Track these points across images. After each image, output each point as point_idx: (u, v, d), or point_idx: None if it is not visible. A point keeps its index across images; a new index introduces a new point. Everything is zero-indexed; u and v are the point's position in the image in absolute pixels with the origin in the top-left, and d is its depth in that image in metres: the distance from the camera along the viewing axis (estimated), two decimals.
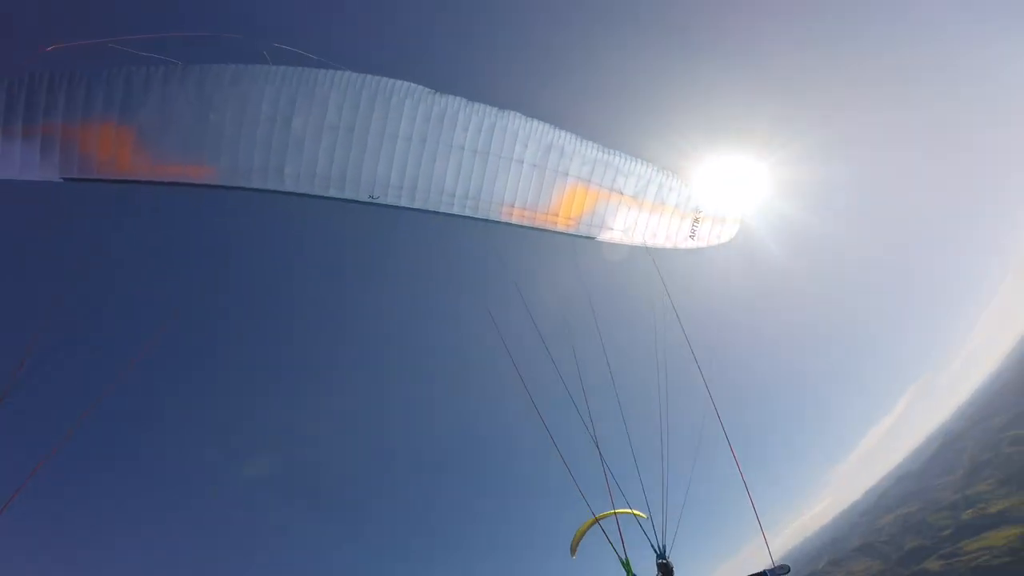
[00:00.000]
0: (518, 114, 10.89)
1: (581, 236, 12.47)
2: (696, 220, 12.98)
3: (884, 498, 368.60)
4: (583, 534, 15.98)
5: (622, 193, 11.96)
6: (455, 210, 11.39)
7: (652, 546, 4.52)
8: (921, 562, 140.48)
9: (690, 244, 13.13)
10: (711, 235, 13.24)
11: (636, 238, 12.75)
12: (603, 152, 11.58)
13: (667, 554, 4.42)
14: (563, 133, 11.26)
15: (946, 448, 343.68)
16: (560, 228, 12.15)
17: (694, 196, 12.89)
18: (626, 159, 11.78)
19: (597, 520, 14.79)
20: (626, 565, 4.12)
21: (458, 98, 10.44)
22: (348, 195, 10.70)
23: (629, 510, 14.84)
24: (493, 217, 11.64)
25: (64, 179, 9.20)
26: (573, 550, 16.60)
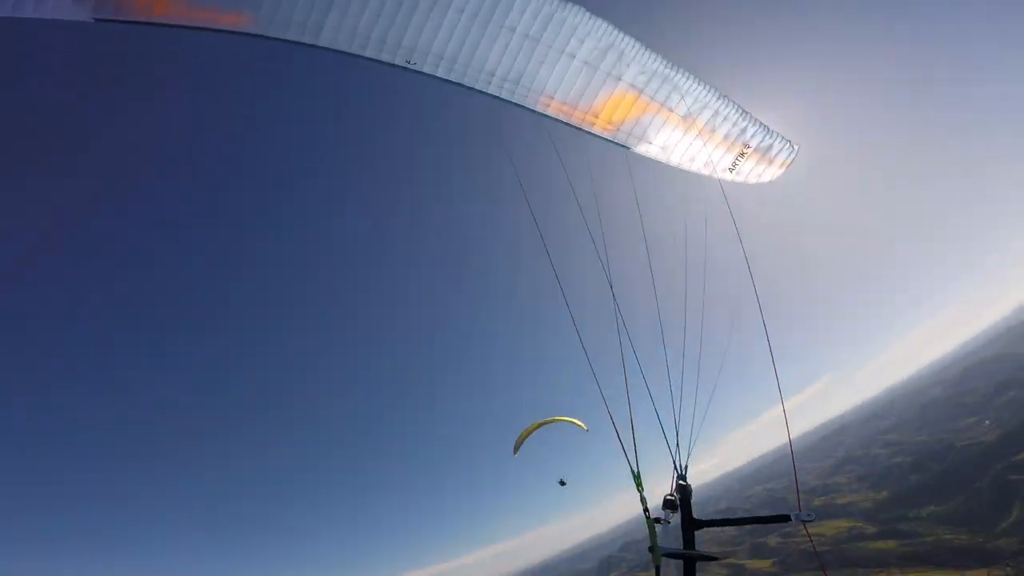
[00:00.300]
0: (582, 9, 10.34)
1: (615, 143, 12.15)
2: (742, 154, 12.43)
3: (761, 470, 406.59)
4: (526, 436, 17.35)
5: (672, 110, 11.56)
6: (491, 90, 11.13)
7: (675, 465, 4.07)
8: (764, 536, 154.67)
9: (727, 177, 12.53)
10: (752, 173, 12.66)
11: (673, 158, 12.21)
12: (665, 66, 11.16)
13: (687, 475, 3.95)
14: (627, 38, 10.83)
15: (832, 436, 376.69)
16: (596, 130, 11.68)
17: (748, 131, 12.26)
18: (687, 78, 11.32)
19: (540, 425, 16.28)
20: (637, 479, 3.81)
21: None
22: (385, 58, 10.45)
23: (572, 419, 16.77)
24: (529, 105, 11.31)
25: (96, 19, 8.82)
26: (515, 449, 17.96)
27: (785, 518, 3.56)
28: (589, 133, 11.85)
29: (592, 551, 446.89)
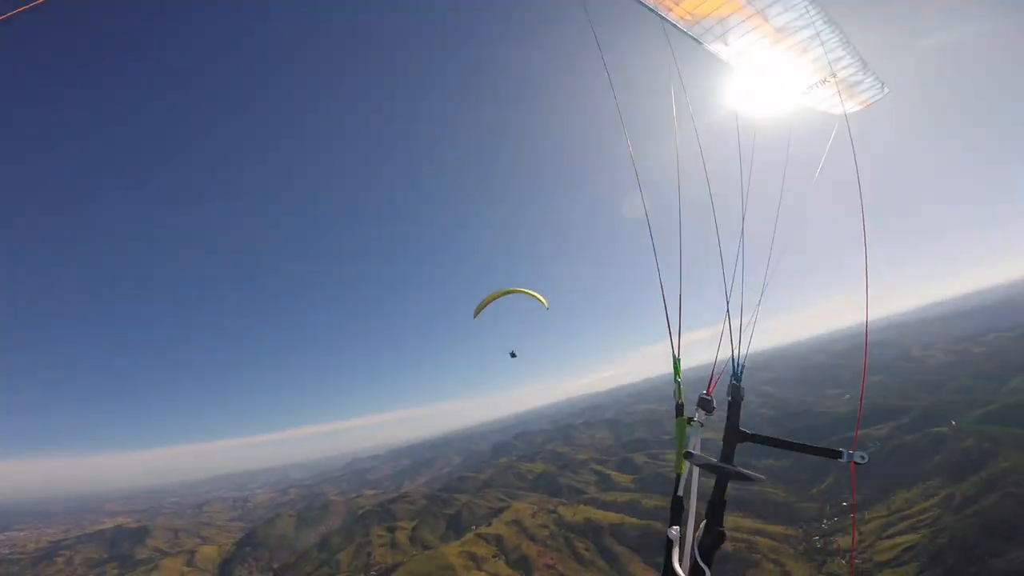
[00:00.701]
0: None
1: (688, 35, 10.72)
2: (824, 80, 11.13)
3: (650, 390, 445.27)
4: (489, 302, 18.14)
5: (768, 20, 10.34)
6: None
7: (733, 360, 3.55)
8: (632, 453, 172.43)
9: (796, 98, 11.37)
10: (827, 101, 11.32)
11: (746, 64, 10.86)
12: None
13: (742, 374, 3.52)
14: None
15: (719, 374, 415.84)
16: (672, 17, 10.17)
17: (843, 61, 10.97)
18: None
19: (504, 293, 16.86)
20: (676, 366, 3.46)
21: None
22: None
23: (535, 294, 17.44)
24: None
25: None
26: (476, 313, 18.81)
27: (837, 454, 3.24)
28: (660, 16, 10.49)
29: (489, 435, 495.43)
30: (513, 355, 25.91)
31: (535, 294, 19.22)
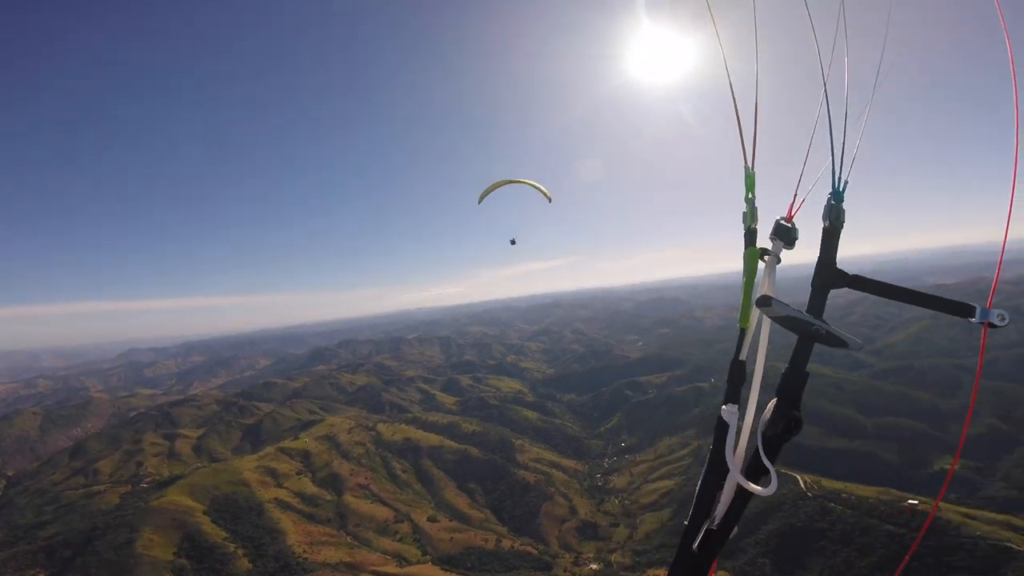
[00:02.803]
0: None
1: None
2: None
3: (485, 314, 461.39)
4: (494, 189, 19.68)
5: None
6: None
7: (833, 172, 2.82)
8: (459, 375, 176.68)
9: None
10: None
11: None
12: None
13: (844, 193, 2.87)
14: None
15: (548, 307, 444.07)
16: None
17: None
18: None
19: (508, 183, 19.00)
20: (750, 178, 3.03)
21: None
22: None
23: (539, 187, 19.79)
24: None
25: None
26: (480, 199, 20.52)
27: (969, 310, 2.57)
28: None
29: (308, 338, 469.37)
30: (513, 242, 27.68)
31: (539, 187, 20.12)
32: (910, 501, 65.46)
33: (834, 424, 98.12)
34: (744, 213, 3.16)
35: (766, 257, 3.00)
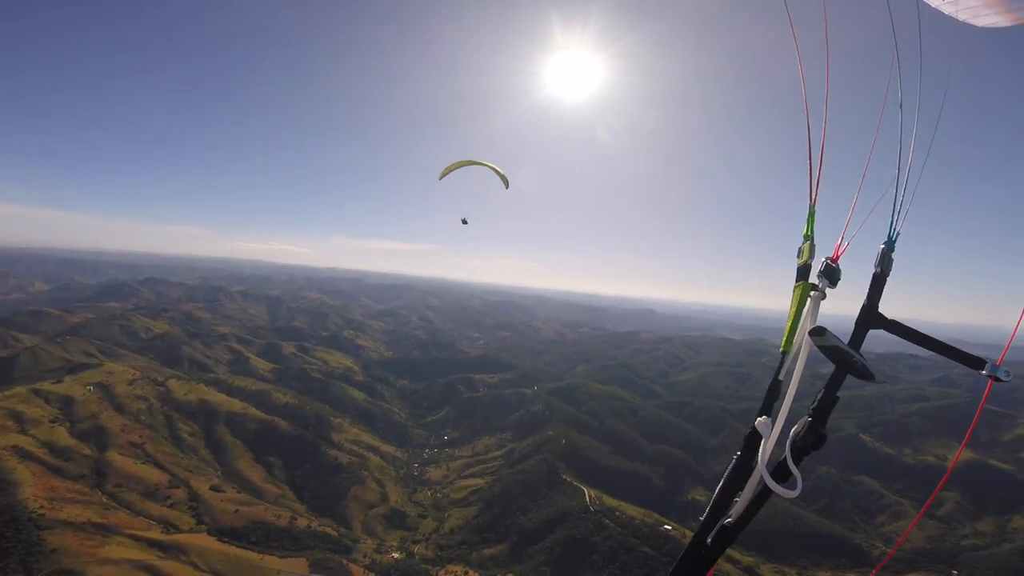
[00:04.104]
0: None
1: None
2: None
3: (306, 276, 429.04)
4: (454, 168, 20.40)
5: None
6: None
7: (891, 222, 3.07)
8: (282, 342, 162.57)
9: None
10: (977, 13, 7.98)
11: None
12: None
13: (896, 241, 3.06)
14: None
15: (400, 287, 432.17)
16: None
17: None
18: None
19: (468, 164, 19.92)
20: (812, 215, 3.22)
21: None
22: None
23: (498, 170, 20.80)
24: None
25: None
26: (441, 176, 20.94)
27: (980, 363, 3.14)
28: None
29: (106, 268, 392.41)
30: (464, 222, 26.14)
31: (499, 171, 20.71)
32: (665, 526, 77.57)
33: (622, 444, 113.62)
34: (801, 248, 3.42)
35: (813, 293, 3.32)
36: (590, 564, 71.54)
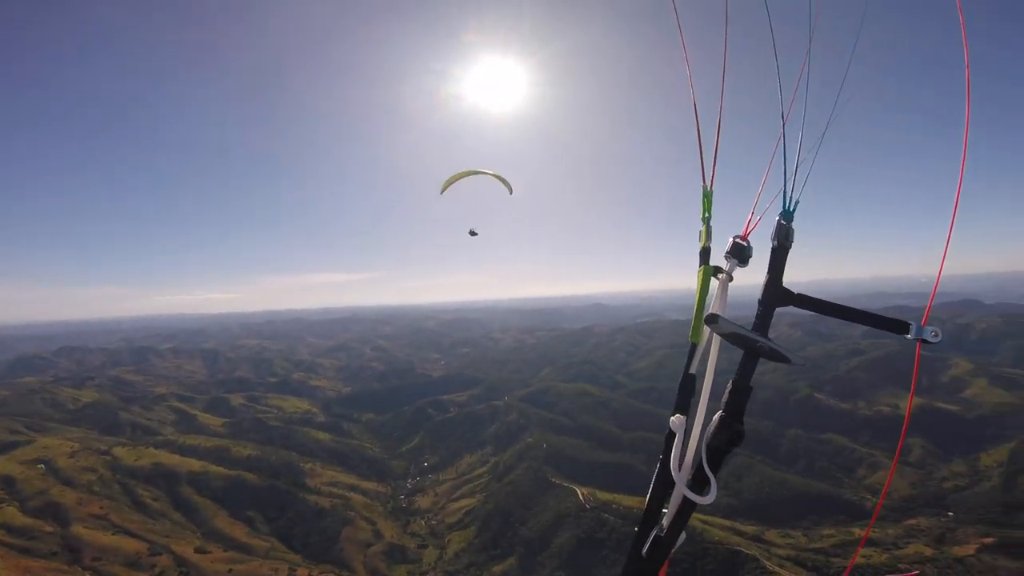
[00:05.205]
0: None
1: None
2: None
3: (240, 323, 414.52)
4: (456, 180, 19.37)
5: None
6: None
7: (784, 193, 2.86)
8: (229, 394, 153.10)
9: None
10: None
11: None
12: None
13: (793, 213, 2.88)
14: None
15: (346, 320, 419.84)
16: None
17: None
18: None
19: (471, 174, 18.90)
20: (707, 198, 3.13)
21: None
22: None
23: (502, 178, 19.71)
24: None
25: None
26: (442, 189, 19.94)
27: (904, 327, 2.62)
28: None
29: (12, 341, 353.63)
30: (473, 233, 25.69)
31: (503, 179, 19.89)
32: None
33: (600, 438, 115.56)
34: (700, 232, 3.31)
35: (719, 275, 3.12)
36: (602, 560, 71.87)
